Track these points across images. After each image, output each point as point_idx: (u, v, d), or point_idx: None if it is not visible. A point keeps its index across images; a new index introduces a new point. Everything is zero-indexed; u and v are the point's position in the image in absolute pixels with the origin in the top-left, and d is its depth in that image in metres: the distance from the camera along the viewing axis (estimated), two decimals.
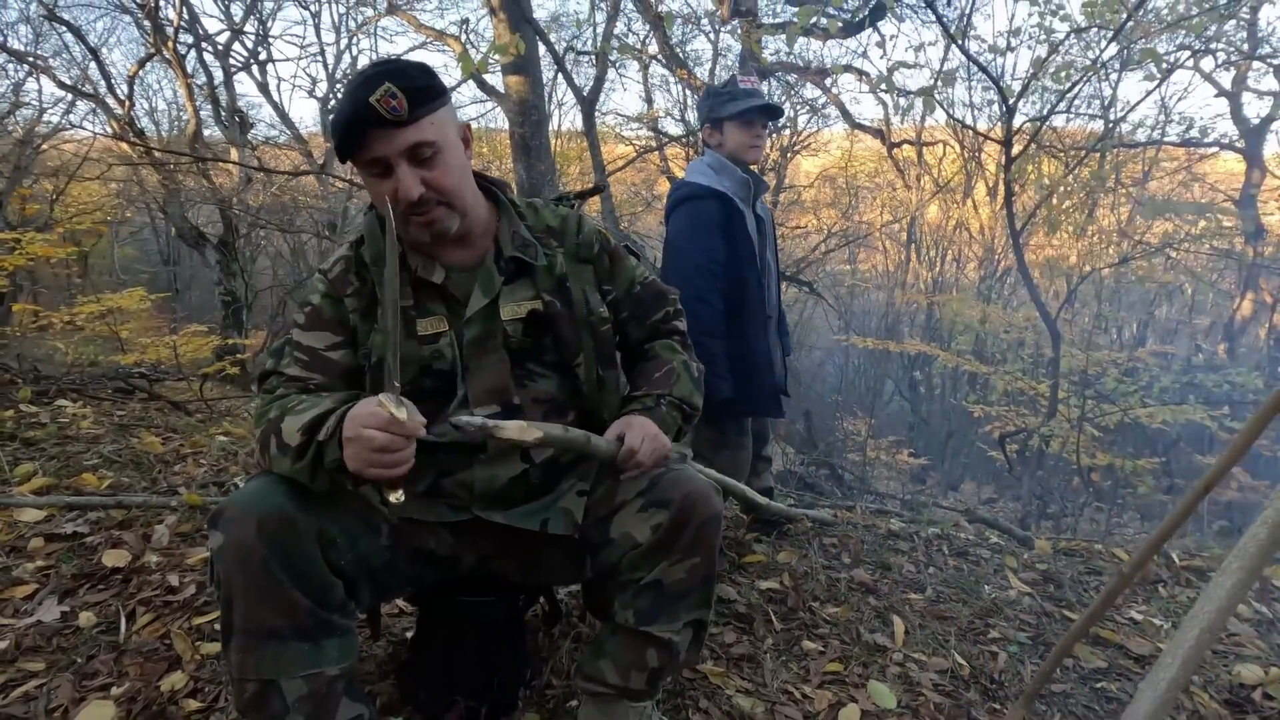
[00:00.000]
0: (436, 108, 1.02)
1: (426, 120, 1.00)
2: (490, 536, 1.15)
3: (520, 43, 2.76)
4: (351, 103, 0.97)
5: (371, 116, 0.97)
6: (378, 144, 0.99)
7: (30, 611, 1.39)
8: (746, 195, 1.93)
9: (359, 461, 0.89)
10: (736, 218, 1.89)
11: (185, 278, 15.51)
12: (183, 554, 1.63)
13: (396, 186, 1.01)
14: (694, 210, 1.87)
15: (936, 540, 2.17)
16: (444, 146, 1.03)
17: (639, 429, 1.11)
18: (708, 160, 1.96)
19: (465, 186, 1.08)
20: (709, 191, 1.88)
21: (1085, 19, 3.10)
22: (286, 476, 0.98)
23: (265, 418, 1.03)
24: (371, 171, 1.03)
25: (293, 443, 0.95)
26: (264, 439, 1.00)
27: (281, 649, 0.94)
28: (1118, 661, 1.57)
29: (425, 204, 1.02)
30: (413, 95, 0.98)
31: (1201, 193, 9.72)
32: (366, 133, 0.98)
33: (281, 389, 1.06)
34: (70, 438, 2.24)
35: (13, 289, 7.26)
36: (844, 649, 1.54)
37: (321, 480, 0.96)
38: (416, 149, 1.00)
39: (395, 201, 1.02)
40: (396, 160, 1.00)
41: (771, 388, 1.93)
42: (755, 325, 1.91)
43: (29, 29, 10.28)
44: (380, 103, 0.96)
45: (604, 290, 1.21)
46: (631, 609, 1.09)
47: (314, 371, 1.07)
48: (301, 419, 0.96)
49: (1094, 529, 2.95)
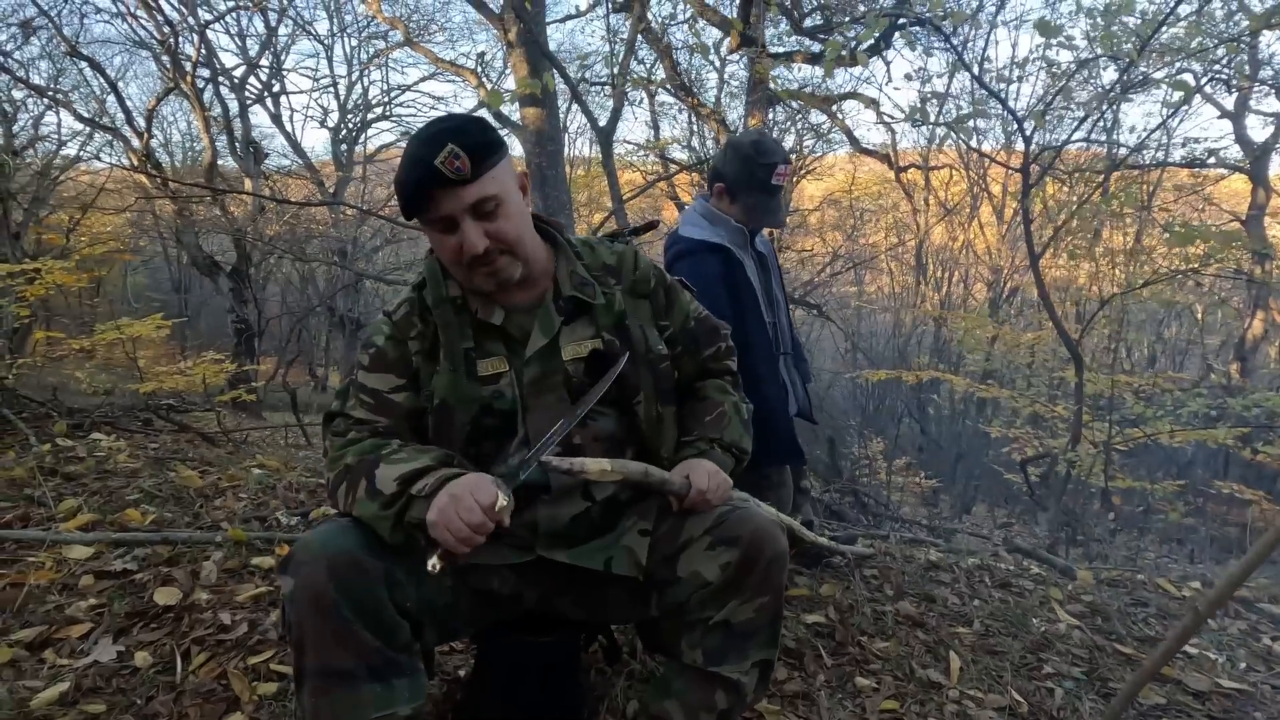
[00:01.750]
0: (497, 161, 1.04)
1: (489, 175, 1.02)
2: (553, 576, 1.15)
3: (552, 80, 2.82)
4: (416, 165, 0.99)
5: (436, 178, 0.98)
6: (443, 203, 1.01)
7: (87, 651, 1.39)
8: (743, 241, 1.87)
9: (444, 519, 0.91)
10: (736, 268, 1.82)
11: (196, 305, 15.65)
12: (232, 590, 1.63)
13: (462, 242, 1.03)
14: (691, 266, 1.79)
15: (977, 571, 2.15)
16: (505, 198, 1.04)
17: (702, 470, 1.12)
18: (699, 210, 1.88)
19: (526, 233, 1.10)
20: (705, 246, 1.81)
21: (1100, 48, 3.16)
22: (355, 522, 1.00)
23: (341, 461, 1.04)
24: (436, 228, 1.05)
25: (386, 490, 0.96)
26: (350, 482, 1.01)
27: (354, 691, 0.94)
28: (1176, 698, 1.55)
29: (489, 255, 1.04)
30: (475, 153, 1.00)
31: (1211, 215, 9.78)
32: (432, 194, 1.00)
33: (353, 432, 1.08)
34: (109, 472, 2.25)
35: (31, 318, 7.33)
36: (898, 685, 1.52)
37: (399, 533, 0.98)
38: (480, 204, 1.02)
39: (461, 254, 1.04)
40: (461, 217, 1.02)
41: (789, 436, 1.86)
42: (766, 374, 1.84)
43: (50, 64, 10.53)
44: (445, 164, 0.98)
45: (661, 326, 1.22)
46: (700, 649, 1.08)
47: (379, 414, 1.09)
48: (399, 469, 0.97)
49: (1125, 557, 2.92)
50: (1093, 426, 4.04)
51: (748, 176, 1.82)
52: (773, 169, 1.81)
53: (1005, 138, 9.81)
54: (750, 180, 1.81)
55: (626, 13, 5.76)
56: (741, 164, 1.83)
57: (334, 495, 1.05)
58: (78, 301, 12.68)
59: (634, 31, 4.85)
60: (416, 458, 1.00)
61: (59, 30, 9.12)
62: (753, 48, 5.81)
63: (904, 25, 4.51)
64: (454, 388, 1.08)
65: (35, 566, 1.63)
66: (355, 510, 1.00)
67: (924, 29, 5.70)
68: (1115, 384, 4.10)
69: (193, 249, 9.80)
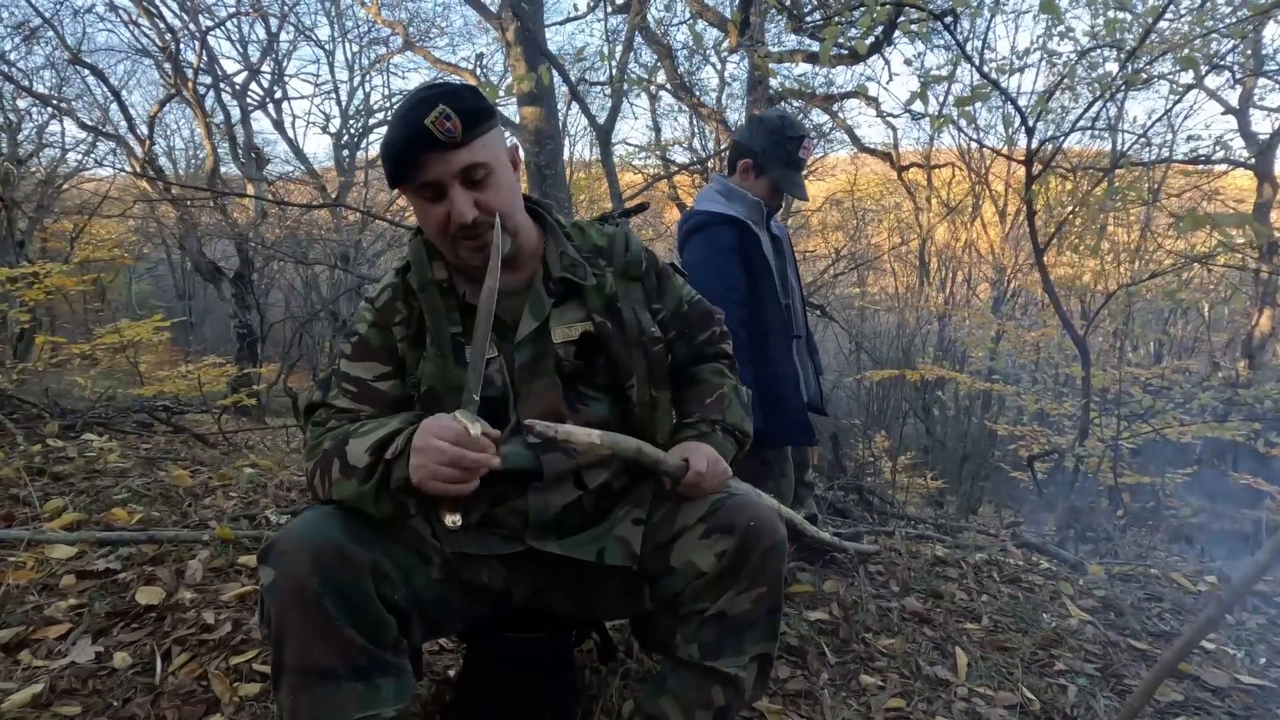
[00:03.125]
0: (488, 129, 1.00)
1: (479, 142, 0.99)
2: (544, 568, 1.11)
3: (547, 73, 2.79)
4: (405, 126, 0.96)
5: (425, 139, 0.95)
6: (432, 167, 0.97)
7: (64, 652, 1.34)
8: (760, 217, 1.88)
9: (424, 473, 0.87)
10: (751, 241, 1.84)
11: (199, 311, 15.70)
12: (217, 590, 1.59)
13: (449, 209, 0.99)
14: (708, 238, 1.82)
15: (985, 566, 2.09)
16: (496, 168, 1.01)
17: (701, 454, 1.08)
18: (717, 187, 1.90)
19: (516, 207, 1.07)
20: (721, 218, 1.83)
21: (1102, 36, 3.11)
22: (339, 509, 0.95)
23: (319, 449, 0.99)
24: (423, 195, 1.01)
25: (360, 464, 0.92)
26: (323, 466, 0.96)
27: (335, 690, 0.89)
28: (1194, 694, 1.49)
29: (477, 226, 1.00)
30: (466, 116, 0.96)
31: (1216, 209, 9.71)
32: (420, 156, 0.97)
33: (333, 421, 1.04)
34: (98, 472, 2.22)
35: (34, 323, 7.34)
36: (904, 683, 1.47)
37: (385, 504, 0.93)
38: (470, 170, 0.99)
39: (448, 224, 1.00)
40: (450, 183, 0.98)
41: (800, 414, 1.86)
42: (780, 350, 1.85)
43: (53, 73, 10.58)
44: (435, 124, 0.94)
45: (653, 309, 1.18)
46: (695, 643, 1.04)
47: (363, 403, 1.05)
48: (368, 439, 0.93)
49: (1136, 553, 2.86)
50: (1100, 423, 3.97)
51: (776, 149, 1.85)
52: (800, 142, 1.84)
53: (1008, 135, 9.78)
54: (778, 153, 1.84)
55: (626, 14, 5.74)
56: (770, 137, 1.86)
57: (311, 483, 1.01)
58: (82, 308, 12.73)
59: (632, 29, 4.82)
60: (383, 425, 0.96)
61: (62, 39, 9.18)
62: (752, 43, 5.78)
63: (904, 19, 4.47)
64: (442, 374, 1.04)
65: (15, 566, 1.59)
66: (335, 493, 0.95)
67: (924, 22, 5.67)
68: (1123, 378, 4.03)
69: (195, 255, 9.81)
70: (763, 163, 1.86)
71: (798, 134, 1.85)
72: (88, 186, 12.64)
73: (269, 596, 0.89)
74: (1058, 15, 2.47)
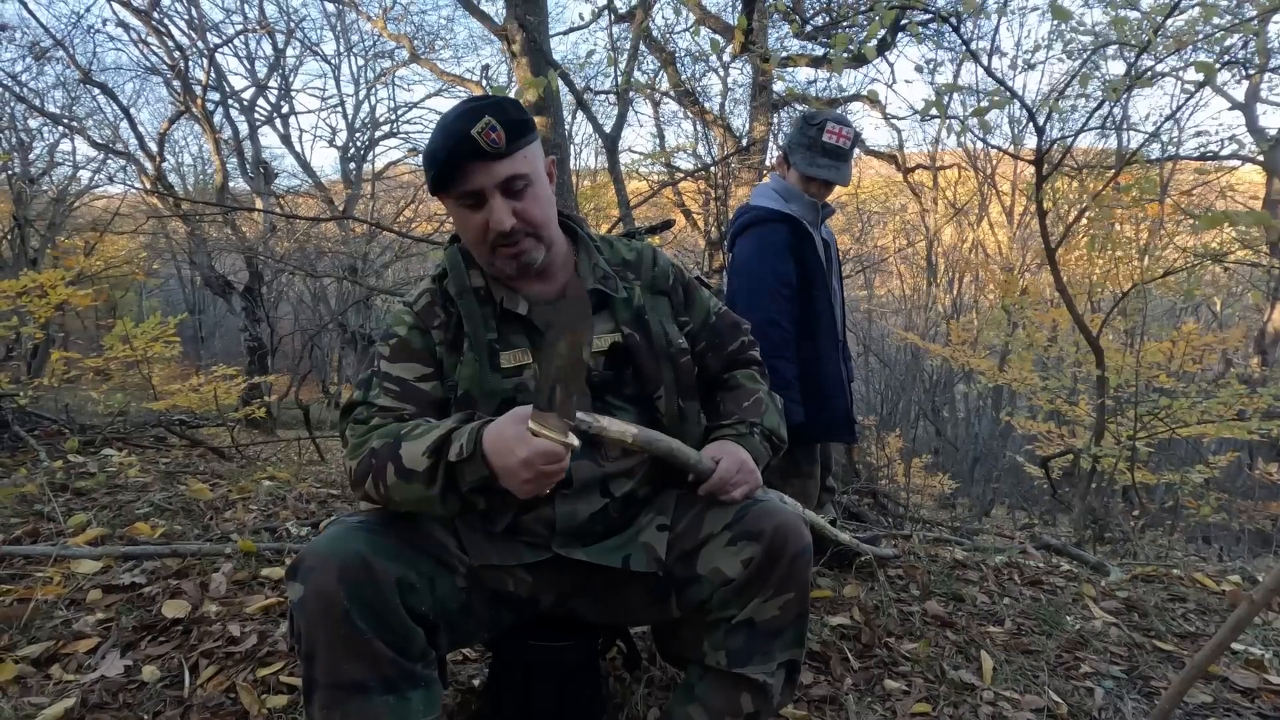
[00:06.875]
0: (530, 141, 1.03)
1: (521, 153, 1.02)
2: (570, 575, 1.12)
3: (554, 78, 2.81)
4: (450, 135, 0.98)
5: (470, 148, 0.98)
6: (475, 176, 1.00)
7: (94, 666, 1.35)
8: (815, 218, 1.90)
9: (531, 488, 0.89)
10: (805, 240, 1.86)
11: (210, 326, 15.83)
12: (241, 602, 1.60)
13: (489, 218, 1.02)
14: (762, 234, 1.85)
15: (1006, 569, 2.08)
16: (535, 179, 1.04)
17: (734, 457, 1.09)
18: (774, 185, 1.93)
19: (551, 219, 1.09)
20: (776, 215, 1.86)
21: (1109, 35, 3.11)
22: (363, 522, 0.96)
23: (364, 447, 1.00)
24: (464, 204, 1.03)
25: (419, 467, 0.93)
26: (376, 467, 0.97)
27: (367, 703, 0.90)
28: (1223, 696, 1.48)
29: (515, 235, 1.03)
30: (510, 128, 0.99)
31: (1227, 206, 9.64)
32: (465, 164, 0.99)
33: (376, 419, 1.04)
34: (119, 487, 2.23)
35: (47, 339, 7.42)
36: (929, 688, 1.46)
37: (452, 503, 0.95)
38: (511, 181, 1.01)
39: (486, 232, 1.03)
40: (491, 192, 1.01)
41: (844, 411, 1.88)
42: (827, 348, 1.87)
43: (64, 93, 10.74)
44: (481, 135, 0.97)
45: (680, 322, 1.20)
46: (723, 650, 1.04)
47: (406, 402, 1.06)
48: (423, 443, 0.94)
49: (1156, 553, 2.83)
50: (1116, 422, 3.94)
51: (799, 136, 1.90)
52: (822, 126, 1.87)
53: (1014, 134, 9.75)
54: (800, 139, 1.89)
55: (629, 22, 5.78)
56: (795, 128, 1.93)
57: (360, 485, 1.01)
58: (94, 324, 12.85)
59: (636, 36, 4.85)
60: (435, 427, 0.97)
61: (72, 58, 9.31)
62: (755, 48, 5.80)
63: (910, 20, 4.47)
64: (477, 379, 1.06)
65: (43, 582, 1.61)
66: (392, 495, 0.96)
67: (931, 24, 5.68)
68: (1139, 375, 4.00)
69: (205, 269, 9.91)
70: (788, 150, 1.92)
71: (819, 119, 1.90)
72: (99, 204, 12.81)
73: (298, 612, 0.90)
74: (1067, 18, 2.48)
